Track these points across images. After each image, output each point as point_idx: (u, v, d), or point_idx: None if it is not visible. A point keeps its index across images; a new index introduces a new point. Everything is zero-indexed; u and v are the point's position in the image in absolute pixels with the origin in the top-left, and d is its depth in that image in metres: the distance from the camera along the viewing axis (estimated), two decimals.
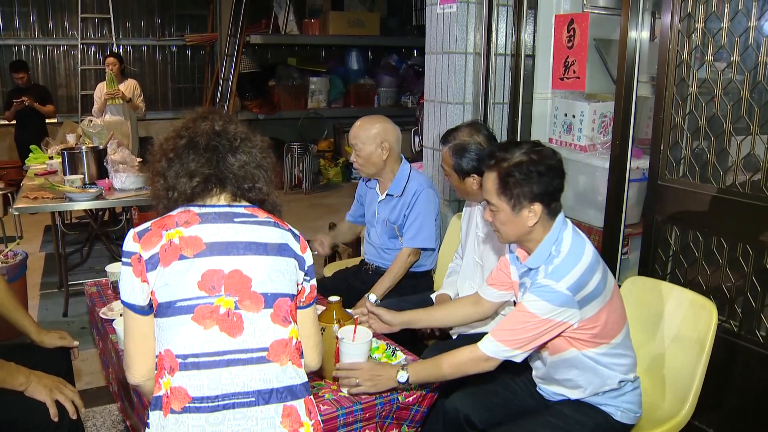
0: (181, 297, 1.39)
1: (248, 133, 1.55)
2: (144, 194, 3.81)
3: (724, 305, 2.29)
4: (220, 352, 1.40)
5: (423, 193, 2.69)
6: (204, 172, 1.48)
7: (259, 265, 1.45)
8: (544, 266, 1.73)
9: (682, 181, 2.43)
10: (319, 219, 6.24)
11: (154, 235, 1.42)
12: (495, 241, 2.31)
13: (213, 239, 1.43)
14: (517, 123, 3.19)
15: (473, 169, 2.26)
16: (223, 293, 1.41)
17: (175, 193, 1.49)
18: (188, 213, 1.47)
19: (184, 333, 1.39)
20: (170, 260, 1.40)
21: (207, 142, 1.49)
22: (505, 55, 3.17)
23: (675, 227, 2.46)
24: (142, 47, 8.46)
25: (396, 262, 2.72)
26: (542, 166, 1.71)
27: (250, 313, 1.42)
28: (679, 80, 2.41)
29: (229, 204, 1.51)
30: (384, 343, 2.03)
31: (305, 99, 8.43)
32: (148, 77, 8.49)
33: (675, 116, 2.43)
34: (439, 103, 3.36)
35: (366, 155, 2.70)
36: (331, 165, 8.51)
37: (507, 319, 1.75)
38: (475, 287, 2.41)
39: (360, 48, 8.96)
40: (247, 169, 1.51)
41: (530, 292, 1.72)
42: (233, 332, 1.41)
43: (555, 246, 1.75)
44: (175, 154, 1.50)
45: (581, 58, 2.80)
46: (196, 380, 1.39)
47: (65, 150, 4.17)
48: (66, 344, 2.18)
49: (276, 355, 1.44)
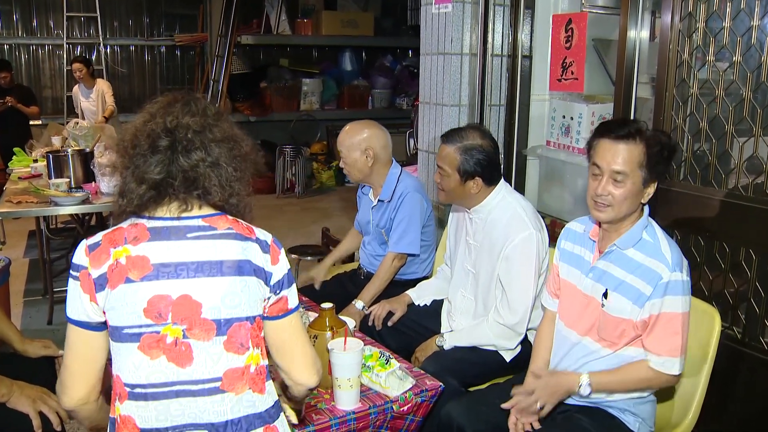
0: (127, 324, 1.31)
1: (206, 123, 1.36)
2: None
3: (727, 312, 2.29)
4: (169, 383, 1.32)
5: (408, 196, 2.70)
6: (153, 177, 1.33)
7: (212, 288, 1.32)
8: (656, 261, 1.75)
9: (683, 184, 2.43)
10: (313, 224, 6.22)
11: (103, 251, 1.32)
12: (489, 249, 2.30)
13: (161, 259, 1.31)
14: (514, 125, 3.19)
15: (477, 172, 2.26)
16: (170, 321, 1.31)
17: (125, 200, 1.36)
18: (137, 227, 1.35)
19: (130, 362, 1.32)
20: (116, 283, 1.30)
21: (151, 144, 1.34)
22: (502, 56, 3.17)
23: (676, 231, 2.46)
24: (130, 47, 8.44)
25: (381, 268, 2.72)
26: (670, 147, 1.78)
27: (199, 342, 1.32)
28: (679, 81, 2.41)
29: (179, 216, 1.36)
30: (377, 351, 2.02)
31: (298, 101, 8.43)
32: (136, 78, 8.47)
33: (675, 118, 2.43)
34: (434, 105, 3.35)
35: (351, 162, 2.73)
36: (324, 168, 8.49)
37: (669, 331, 1.75)
38: (468, 296, 2.41)
39: (354, 49, 8.97)
40: (198, 170, 1.34)
41: (670, 295, 1.73)
42: (182, 362, 1.32)
43: (648, 232, 1.80)
44: (130, 155, 1.36)
45: (579, 58, 2.80)
46: (144, 411, 1.33)
47: (50, 153, 4.13)
48: (50, 353, 2.16)
49: (231, 384, 1.35)
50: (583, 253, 1.95)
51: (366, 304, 2.66)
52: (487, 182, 2.29)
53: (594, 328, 1.87)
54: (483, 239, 2.33)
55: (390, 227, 2.75)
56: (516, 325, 2.22)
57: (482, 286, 2.35)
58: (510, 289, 2.22)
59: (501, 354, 2.30)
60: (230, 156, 1.38)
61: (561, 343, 1.97)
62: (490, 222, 2.31)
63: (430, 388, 1.93)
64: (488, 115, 3.22)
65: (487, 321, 2.29)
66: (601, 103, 2.93)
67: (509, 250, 2.22)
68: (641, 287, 1.76)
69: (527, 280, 2.21)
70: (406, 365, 2.03)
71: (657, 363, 1.77)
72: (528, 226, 2.22)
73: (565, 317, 1.97)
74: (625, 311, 1.78)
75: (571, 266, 1.97)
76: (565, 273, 1.99)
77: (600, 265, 1.86)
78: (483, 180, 2.28)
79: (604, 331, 1.83)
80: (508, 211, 2.28)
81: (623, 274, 1.80)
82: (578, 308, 1.91)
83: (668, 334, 1.74)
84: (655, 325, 1.75)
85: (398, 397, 1.85)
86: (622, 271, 1.81)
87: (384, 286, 2.72)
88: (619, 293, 1.80)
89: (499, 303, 2.27)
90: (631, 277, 1.78)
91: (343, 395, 1.81)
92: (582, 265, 1.93)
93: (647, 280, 1.75)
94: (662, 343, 1.75)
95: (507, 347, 2.28)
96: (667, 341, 1.74)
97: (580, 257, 1.95)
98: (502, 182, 2.35)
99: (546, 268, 2.27)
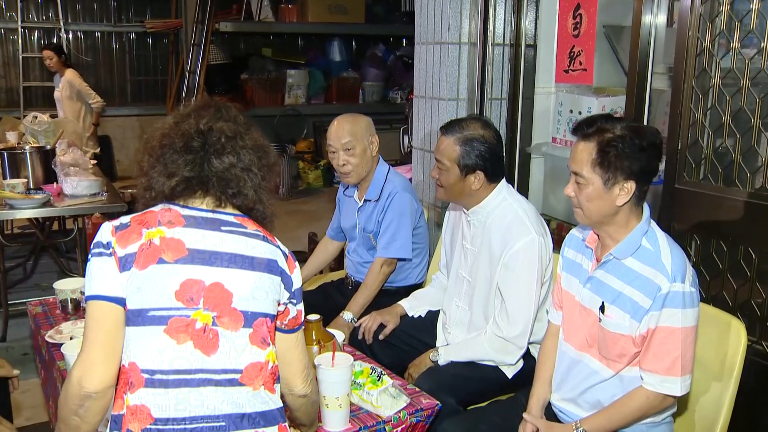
0: (155, 306, 1.40)
1: (238, 130, 1.54)
2: (100, 201, 3.77)
3: (753, 324, 2.27)
4: (192, 371, 1.40)
5: (396, 196, 2.70)
6: (184, 174, 1.49)
7: (243, 280, 1.46)
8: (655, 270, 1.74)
9: (703, 184, 2.42)
10: (298, 228, 6.20)
11: (132, 231, 1.43)
12: (488, 255, 2.29)
13: (196, 246, 1.44)
14: (517, 120, 3.19)
15: (479, 165, 2.25)
16: (201, 306, 1.42)
17: (153, 192, 1.51)
18: (171, 212, 1.48)
19: (154, 346, 1.39)
20: (147, 263, 1.40)
21: (185, 143, 1.50)
22: (504, 45, 3.16)
23: (695, 236, 2.45)
24: (96, 34, 8.38)
25: (369, 275, 2.72)
26: (645, 141, 1.74)
27: (227, 331, 1.44)
28: (699, 71, 2.40)
29: (214, 210, 1.51)
30: (368, 366, 2.01)
31: (282, 94, 8.43)
32: (103, 68, 8.43)
33: (695, 111, 2.42)
34: (430, 99, 3.35)
35: (361, 152, 2.71)
36: (310, 168, 8.48)
37: (667, 347, 1.73)
38: (462, 305, 2.41)
39: (343, 37, 8.98)
40: (233, 171, 1.51)
41: (668, 307, 1.71)
42: (208, 350, 1.42)
43: (648, 239, 1.78)
44: (158, 153, 1.51)
45: (589, 47, 2.80)
46: (162, 399, 1.38)
47: (5, 150, 4.11)
48: (4, 374, 2.14)
49: (249, 378, 1.45)
50: (582, 261, 1.95)
51: (355, 315, 2.66)
52: (489, 177, 2.28)
53: (594, 345, 1.86)
54: (481, 244, 2.32)
55: (378, 230, 2.74)
56: (516, 338, 2.22)
57: (478, 296, 2.34)
58: (510, 299, 2.22)
59: (502, 370, 2.29)
60: (260, 165, 1.56)
61: (561, 358, 1.98)
62: (488, 225, 2.31)
63: (426, 407, 1.92)
64: (489, 110, 3.21)
65: (485, 334, 2.28)
66: (612, 96, 2.93)
67: (509, 257, 2.21)
68: (639, 300, 1.75)
69: (528, 290, 2.20)
70: (399, 382, 2.03)
71: (654, 383, 1.75)
72: (530, 230, 2.21)
73: (564, 330, 1.98)
74: (623, 326, 1.78)
75: (572, 275, 1.97)
76: (566, 283, 1.99)
77: (597, 274, 1.86)
78: (485, 174, 2.27)
79: (604, 349, 1.83)
80: (509, 214, 2.27)
81: (621, 285, 1.80)
82: (577, 321, 1.92)
83: (665, 350, 1.73)
84: (651, 340, 1.75)
85: (391, 417, 1.84)
86: (619, 282, 1.80)
87: (373, 296, 2.71)
88: (617, 306, 1.79)
89: (497, 314, 2.26)
90: (629, 289, 1.78)
91: (331, 415, 1.79)
92: (581, 274, 1.93)
93: (645, 292, 1.74)
94: (658, 360, 1.74)
95: (507, 362, 2.27)
96: (664, 359, 1.73)
97: (579, 266, 1.95)
98: (503, 183, 2.35)
99: (550, 277, 2.27)
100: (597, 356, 1.86)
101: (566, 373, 1.95)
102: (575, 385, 1.91)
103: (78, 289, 2.44)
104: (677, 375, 1.73)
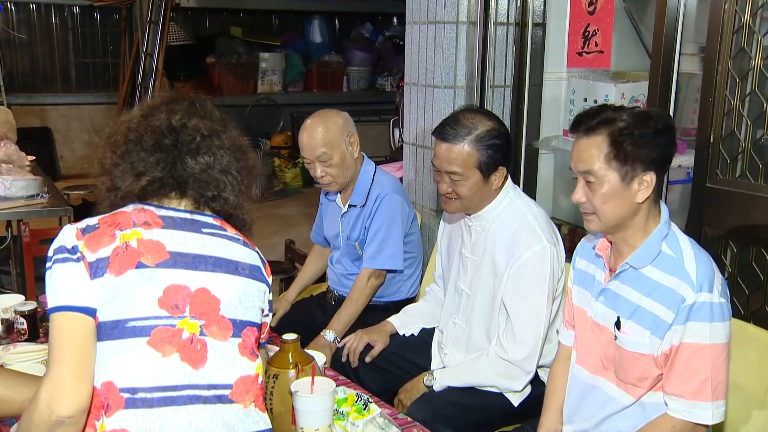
0: (135, 315, 1.42)
1: (215, 128, 1.59)
2: (39, 203, 3.73)
3: None
4: (179, 387, 1.43)
5: (385, 199, 2.70)
6: (156, 174, 1.53)
7: (230, 285, 1.52)
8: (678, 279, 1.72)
9: (740, 182, 2.42)
10: (274, 235, 6.20)
11: (103, 234, 1.44)
12: (491, 266, 2.28)
13: (178, 248, 1.48)
14: (523, 110, 3.19)
15: (499, 160, 2.25)
16: (187, 314, 1.45)
17: (119, 192, 1.54)
18: (146, 212, 1.51)
19: (135, 361, 1.41)
20: (125, 267, 1.42)
21: (156, 141, 1.53)
22: (508, 24, 3.17)
23: (731, 242, 2.46)
24: (30, 6, 8.28)
25: (354, 289, 2.72)
26: (661, 123, 1.74)
27: (216, 341, 1.48)
28: (737, 51, 2.41)
29: (192, 211, 1.56)
30: (353, 393, 2.00)
31: (254, 81, 8.46)
32: (41, 48, 8.33)
33: (730, 98, 2.43)
34: (423, 86, 3.35)
35: (339, 161, 2.67)
36: (288, 166, 8.47)
37: (694, 367, 1.71)
38: (459, 322, 2.41)
39: (324, 15, 9.01)
40: (210, 173, 1.56)
41: (693, 321, 1.69)
42: (195, 363, 1.45)
43: (668, 244, 1.77)
44: (123, 150, 1.54)
45: (606, 25, 2.81)
46: (146, 421, 1.39)
47: None
48: None
49: (240, 394, 1.49)
50: (595, 272, 1.94)
51: (338, 334, 2.66)
52: (508, 169, 2.31)
53: (610, 367, 1.86)
54: (483, 253, 2.32)
55: (364, 238, 2.74)
56: (523, 361, 2.21)
57: (479, 312, 2.34)
58: (516, 317, 2.21)
59: (507, 397, 2.29)
60: (238, 167, 1.61)
61: (573, 384, 1.97)
62: (492, 232, 2.30)
63: None
64: (490, 99, 3.22)
65: (487, 356, 2.27)
66: (633, 81, 2.94)
67: (516, 268, 2.21)
68: (661, 313, 1.74)
69: (537, 306, 2.20)
70: (388, 411, 2.01)
71: (680, 410, 1.73)
72: (540, 238, 2.20)
73: (577, 352, 1.98)
74: (643, 344, 1.76)
75: (583, 288, 1.97)
76: (578, 298, 1.99)
77: (612, 286, 1.85)
78: (506, 168, 2.28)
79: (622, 371, 1.82)
80: (516, 219, 2.27)
81: (638, 297, 1.79)
82: (590, 340, 1.91)
83: (692, 371, 1.71)
84: (676, 359, 1.73)
85: None
86: (637, 294, 1.79)
87: (359, 312, 2.72)
88: (634, 321, 1.78)
89: (502, 334, 2.26)
90: (648, 301, 1.76)
91: None
92: (593, 286, 1.93)
93: (667, 304, 1.73)
94: (684, 382, 1.72)
95: (513, 388, 2.27)
96: (691, 381, 1.71)
97: (591, 277, 1.95)
98: (510, 182, 2.34)
99: (561, 291, 2.27)
100: (614, 380, 1.85)
101: (580, 401, 1.94)
102: (590, 414, 1.91)
103: (11, 307, 2.35)
104: (707, 400, 1.71)
